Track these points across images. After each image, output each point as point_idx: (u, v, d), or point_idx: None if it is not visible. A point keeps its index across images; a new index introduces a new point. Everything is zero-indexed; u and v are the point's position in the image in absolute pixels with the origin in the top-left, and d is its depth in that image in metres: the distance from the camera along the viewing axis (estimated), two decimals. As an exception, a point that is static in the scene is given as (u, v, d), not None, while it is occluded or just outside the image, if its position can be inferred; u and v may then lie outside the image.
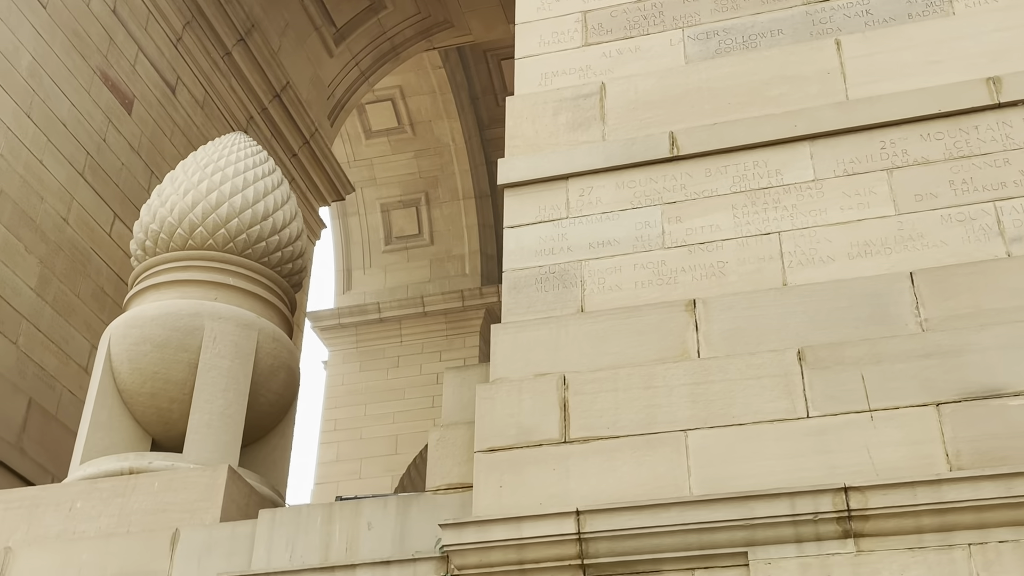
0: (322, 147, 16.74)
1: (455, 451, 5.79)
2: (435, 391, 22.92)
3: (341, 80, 18.02)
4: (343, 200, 18.21)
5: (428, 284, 23.82)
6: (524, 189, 6.23)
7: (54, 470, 9.89)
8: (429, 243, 24.21)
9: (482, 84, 23.66)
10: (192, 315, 7.11)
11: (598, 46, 6.63)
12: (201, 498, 6.22)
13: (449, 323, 23.32)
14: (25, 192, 10.09)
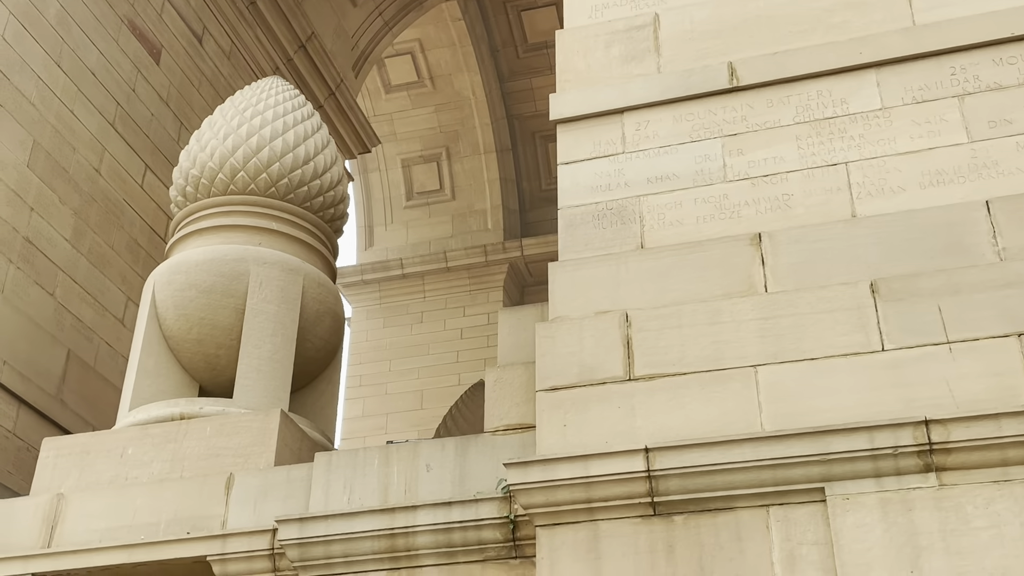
0: (348, 98, 16.55)
1: (512, 392, 5.69)
2: (459, 346, 22.87)
3: (365, 31, 17.79)
4: (369, 152, 18.04)
5: (450, 239, 23.70)
6: (577, 124, 6.07)
7: (94, 422, 9.86)
8: (451, 198, 24.03)
9: (502, 36, 23.35)
10: (237, 260, 7.00)
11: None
12: (254, 442, 6.14)
13: (472, 278, 23.21)
14: (57, 142, 9.97)
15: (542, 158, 23.79)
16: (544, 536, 4.85)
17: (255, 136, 7.50)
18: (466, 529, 5.28)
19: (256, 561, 5.62)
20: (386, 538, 5.37)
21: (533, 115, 23.46)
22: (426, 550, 5.32)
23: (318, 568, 5.46)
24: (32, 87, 9.72)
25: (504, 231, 23.12)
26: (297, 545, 5.47)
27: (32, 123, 9.66)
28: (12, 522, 6.14)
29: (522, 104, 23.46)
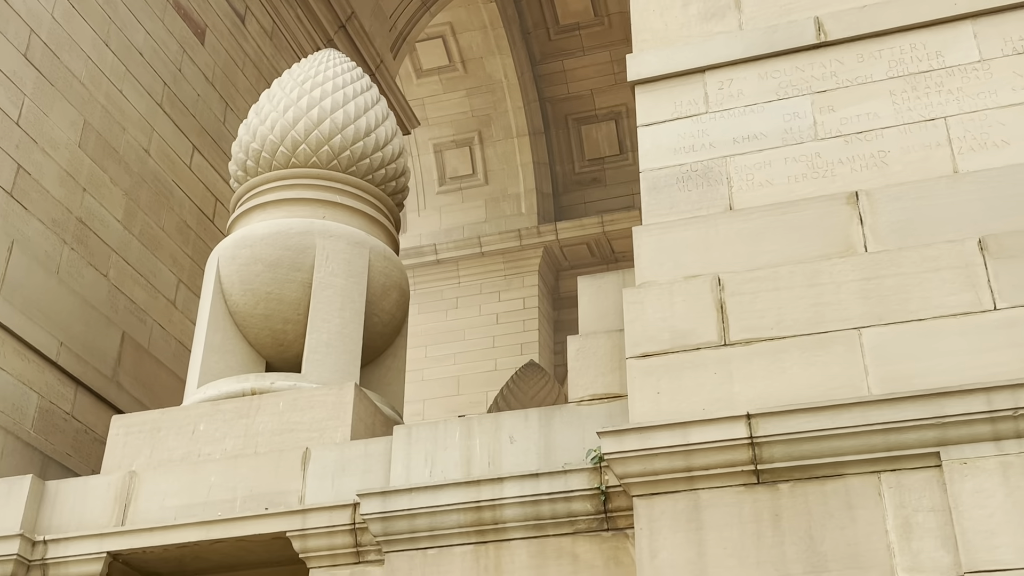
0: (387, 79, 16.40)
1: (596, 361, 5.52)
2: (495, 331, 22.74)
3: (402, 11, 17.63)
4: (408, 134, 17.90)
5: (484, 224, 23.55)
6: (656, 85, 5.88)
7: (149, 404, 9.77)
8: (484, 183, 23.88)
9: (533, 18, 23.13)
10: (303, 233, 6.87)
11: (725, -67, 6.21)
12: (329, 416, 6.01)
13: (507, 263, 23.05)
14: (107, 123, 9.88)
15: (575, 141, 23.60)
16: (642, 507, 4.69)
17: (316, 108, 7.35)
18: (555, 501, 5.12)
19: (337, 536, 5.49)
20: (472, 511, 5.22)
21: (565, 97, 23.27)
22: (513, 523, 5.17)
23: (402, 543, 5.32)
24: (81, 66, 9.62)
25: (538, 215, 22.96)
26: (380, 519, 5.33)
27: (82, 103, 9.56)
28: (86, 500, 6.04)
29: (554, 87, 23.25)
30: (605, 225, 22.48)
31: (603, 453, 4.79)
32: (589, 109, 23.54)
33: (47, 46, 9.21)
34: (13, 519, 6.01)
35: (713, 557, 4.47)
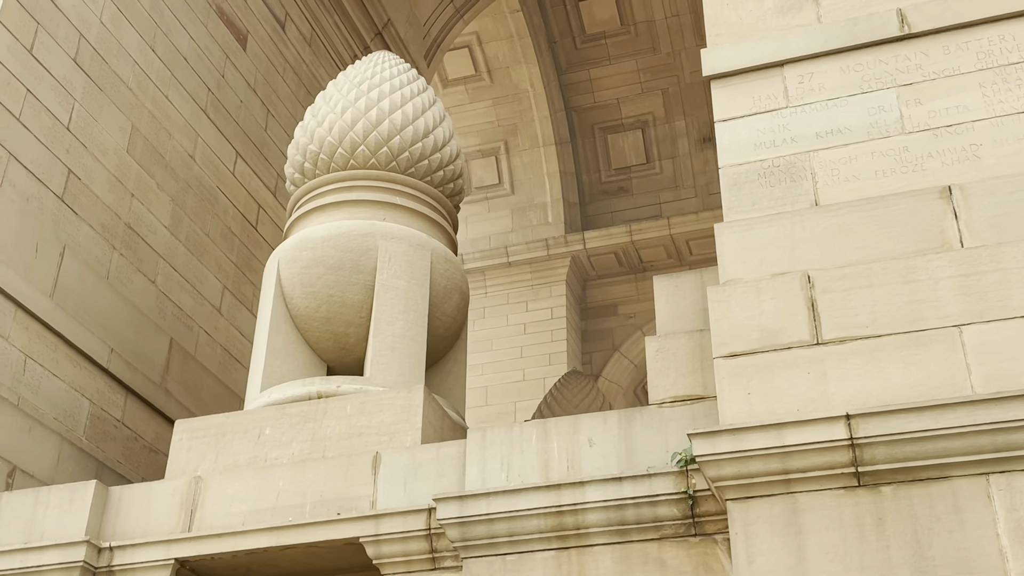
0: (423, 86, 16.30)
1: (677, 362, 5.38)
2: (522, 341, 22.61)
3: (436, 18, 17.57)
4: (443, 141, 17.78)
5: (511, 234, 23.44)
6: (733, 80, 5.75)
7: (197, 411, 9.68)
8: (510, 192, 23.80)
9: (560, 27, 23.06)
10: (364, 235, 6.76)
11: (798, -74, 6.09)
12: (398, 420, 5.89)
13: (534, 272, 22.93)
14: (154, 128, 9.81)
15: (601, 150, 23.50)
16: (737, 511, 4.54)
17: (374, 109, 7.26)
18: (639, 506, 4.97)
19: (412, 542, 5.36)
20: (553, 516, 5.09)
21: (592, 107, 23.17)
22: (596, 528, 5.03)
23: (480, 548, 5.18)
24: (129, 71, 9.57)
25: (565, 224, 22.86)
26: (457, 524, 5.20)
27: (130, 108, 9.50)
28: (151, 506, 5.93)
29: (580, 96, 23.16)
30: (633, 234, 22.37)
31: (695, 455, 4.64)
32: (615, 118, 23.44)
33: (96, 51, 9.16)
34: (77, 525, 5.90)
35: (814, 562, 4.32)
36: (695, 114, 23.81)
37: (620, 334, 23.30)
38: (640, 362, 22.92)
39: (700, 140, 24.28)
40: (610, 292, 23.36)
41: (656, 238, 22.58)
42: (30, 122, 8.23)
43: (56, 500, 6.04)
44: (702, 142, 24.40)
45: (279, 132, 12.12)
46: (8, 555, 5.80)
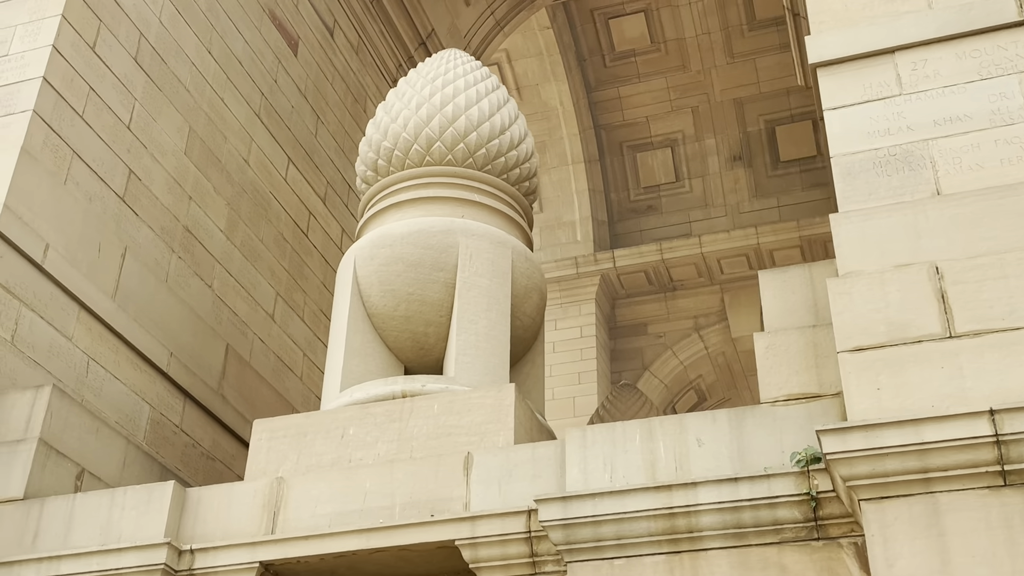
0: (465, 98, 16.15)
1: (789, 359, 5.13)
2: (551, 360, 22.36)
3: (477, 30, 17.44)
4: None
5: (539, 252, 23.24)
6: (841, 67, 5.54)
7: (251, 418, 9.47)
8: (539, 210, 23.64)
9: (589, 45, 22.93)
10: (444, 232, 6.55)
11: (902, -88, 5.88)
12: (489, 420, 5.65)
13: (563, 291, 22.71)
14: (211, 131, 9.65)
15: (630, 168, 23.29)
16: (872, 511, 4.29)
17: (450, 105, 7.06)
18: (757, 508, 4.72)
19: (511, 545, 5.12)
20: (664, 518, 4.84)
21: (621, 125, 23.00)
22: (711, 531, 4.78)
23: (586, 552, 4.93)
24: (186, 73, 9.42)
25: (594, 243, 22.64)
26: (561, 527, 4.96)
27: (188, 110, 9.34)
28: (231, 507, 5.70)
29: (609, 114, 22.98)
30: (664, 253, 22.13)
31: (825, 453, 4.39)
32: (644, 136, 23.25)
33: (155, 50, 9.01)
34: (156, 527, 5.68)
35: (960, 566, 4.06)
36: (725, 132, 23.62)
37: (650, 353, 23.03)
38: (670, 381, 22.67)
39: (730, 158, 24.06)
40: (639, 311, 23.10)
41: (687, 256, 22.33)
42: (93, 120, 8.07)
43: (132, 501, 5.82)
44: (732, 160, 24.17)
45: (328, 139, 11.96)
46: (85, 557, 5.57)
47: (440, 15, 15.86)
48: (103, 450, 6.76)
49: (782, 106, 23.53)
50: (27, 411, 6.33)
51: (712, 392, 23.91)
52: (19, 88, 7.60)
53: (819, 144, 23.78)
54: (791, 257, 23.14)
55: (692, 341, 23.00)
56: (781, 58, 23.34)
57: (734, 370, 23.95)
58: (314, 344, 10.97)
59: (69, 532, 5.80)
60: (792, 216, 23.76)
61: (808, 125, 23.75)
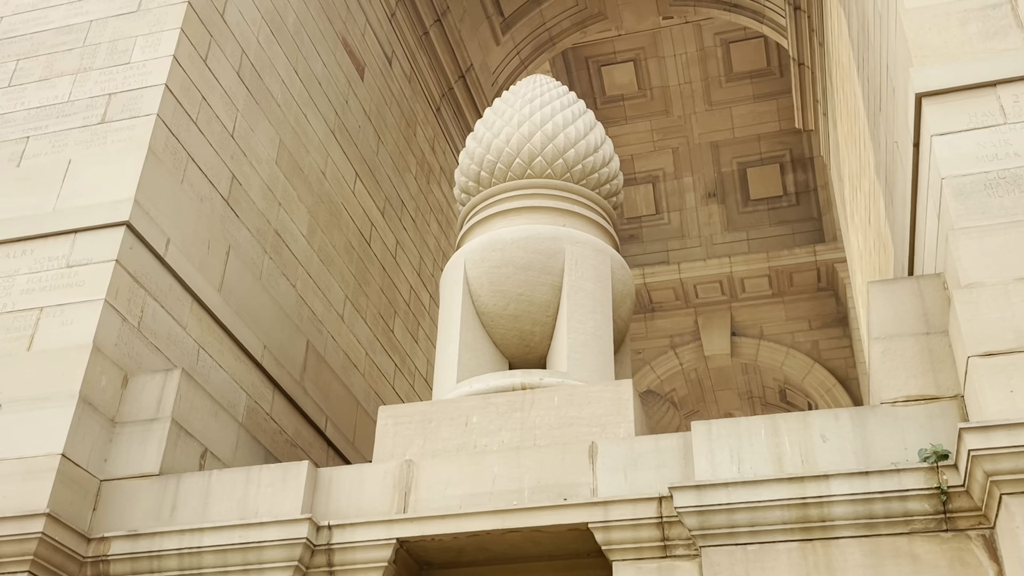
0: (495, 128, 15.99)
1: (905, 363, 4.96)
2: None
3: (504, 67, 17.30)
4: (507, 180, 17.51)
5: (532, 272, 22.89)
6: (946, 97, 5.40)
7: (326, 410, 9.19)
8: None
9: (583, 89, 22.86)
10: (552, 238, 6.35)
11: (992, -40, 5.78)
12: (609, 412, 5.43)
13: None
14: (296, 144, 9.41)
15: (618, 201, 23.18)
16: (1016, 505, 4.11)
17: (549, 123, 6.88)
18: (888, 500, 4.53)
19: (643, 529, 4.89)
20: (796, 507, 4.64)
21: (609, 162, 22.89)
22: (843, 521, 4.58)
23: (720, 537, 4.72)
24: (278, 89, 9.18)
25: (582, 266, 22.44)
26: (696, 513, 4.74)
27: (278, 123, 9.10)
28: (363, 488, 5.43)
29: (599, 153, 22.87)
30: (645, 277, 22.07)
31: (969, 449, 4.21)
32: (629, 172, 23.20)
33: (254, 67, 8.76)
34: (292, 504, 5.40)
35: (1106, 557, 3.89)
36: (701, 171, 23.64)
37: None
38: (649, 393, 22.45)
39: (706, 195, 24.06)
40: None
41: (666, 281, 22.29)
42: (204, 127, 7.81)
43: (268, 479, 5.54)
44: (707, 197, 24.18)
45: (386, 158, 11.74)
46: (227, 531, 5.28)
47: (475, 52, 15.71)
48: (221, 432, 6.47)
49: (753, 150, 23.61)
50: (158, 392, 6.04)
51: (683, 404, 23.83)
52: (142, 94, 7.33)
53: (785, 185, 23.85)
54: (760, 285, 23.13)
55: (668, 358, 22.91)
56: (754, 107, 23.39)
57: (704, 385, 23.89)
58: (374, 344, 10.70)
59: (207, 507, 5.50)
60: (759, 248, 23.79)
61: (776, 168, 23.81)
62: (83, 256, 6.43)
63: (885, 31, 6.76)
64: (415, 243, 12.40)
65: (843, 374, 22.87)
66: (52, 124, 7.33)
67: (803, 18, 13.78)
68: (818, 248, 22.60)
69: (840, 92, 11.65)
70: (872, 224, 9.72)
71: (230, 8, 8.47)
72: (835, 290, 22.48)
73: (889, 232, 8.28)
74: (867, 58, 8.08)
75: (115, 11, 7.98)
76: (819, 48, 13.33)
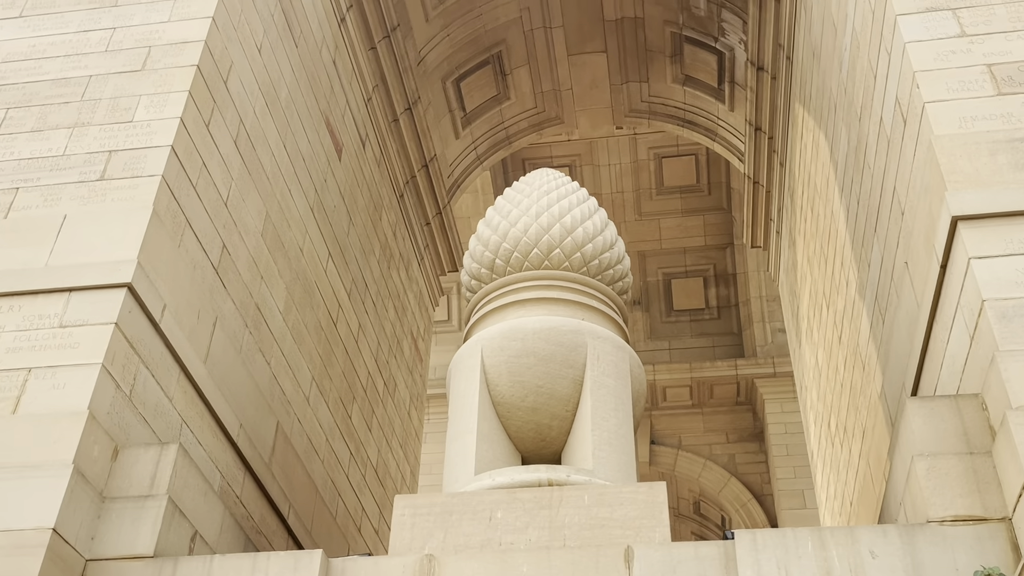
0: (449, 219, 16.07)
1: (951, 482, 4.94)
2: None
3: (460, 161, 17.42)
4: (457, 271, 17.49)
5: (455, 367, 22.86)
6: (981, 222, 5.55)
7: (288, 495, 8.74)
8: (457, 329, 23.53)
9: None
10: (574, 332, 6.23)
11: (1015, 96, 6.05)
12: (643, 516, 5.26)
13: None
14: (280, 218, 9.17)
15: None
16: (1088, 632, 4.06)
17: (567, 216, 6.84)
18: (945, 621, 4.44)
19: (687, 642, 4.68)
20: (852, 625, 4.50)
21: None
22: (898, 641, 4.46)
23: (772, 654, 4.54)
24: (268, 161, 8.97)
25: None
26: (747, 627, 4.57)
27: (266, 195, 8.87)
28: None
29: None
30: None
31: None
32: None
33: (249, 137, 8.56)
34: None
35: None
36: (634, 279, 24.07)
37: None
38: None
39: (631, 303, 24.43)
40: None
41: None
42: (202, 193, 7.54)
43: (276, 568, 5.15)
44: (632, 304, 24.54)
45: (355, 240, 11.55)
46: (235, 623, 4.87)
47: (437, 143, 15.78)
48: (209, 513, 6.05)
49: (678, 262, 24.17)
50: (152, 468, 5.64)
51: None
52: (146, 153, 7.04)
53: (707, 298, 24.36)
54: (681, 395, 23.39)
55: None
56: (682, 221, 24.05)
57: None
58: (333, 430, 10.31)
59: (208, 595, 5.08)
60: (680, 358, 24.12)
61: (700, 281, 24.35)
62: (79, 316, 6.03)
63: (895, 155, 6.96)
64: (374, 327, 12.14)
65: (758, 489, 23.03)
66: (45, 177, 6.97)
67: (763, 139, 14.23)
68: (739, 363, 22.98)
69: (806, 212, 11.97)
70: (844, 342, 9.88)
71: (233, 76, 8.29)
72: (753, 405, 22.79)
73: (873, 351, 8.40)
74: (860, 180, 8.31)
75: (117, 68, 7.72)
76: (780, 168, 13.74)
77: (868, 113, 7.75)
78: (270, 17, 9.34)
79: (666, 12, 15.94)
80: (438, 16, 14.69)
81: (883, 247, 7.56)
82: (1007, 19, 6.48)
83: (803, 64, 11.29)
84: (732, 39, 15.08)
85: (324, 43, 10.96)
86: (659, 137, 22.90)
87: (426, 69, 14.80)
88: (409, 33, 14.02)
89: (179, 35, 7.79)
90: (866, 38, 7.69)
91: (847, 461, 10.29)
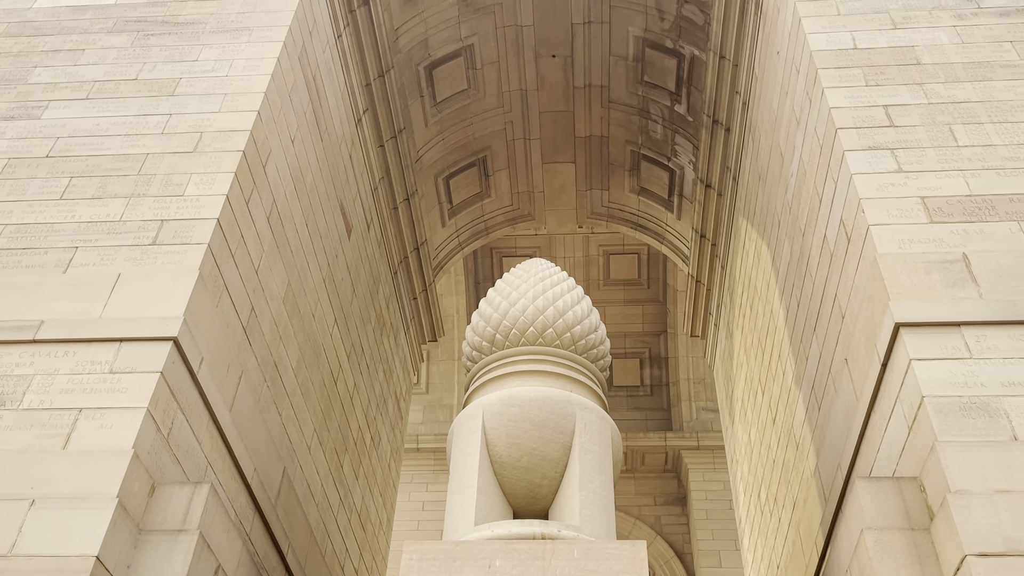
0: (433, 296, 16.02)
1: (896, 555, 4.93)
2: (420, 516, 21.72)
3: (445, 246, 17.47)
4: (436, 341, 17.40)
5: (421, 425, 22.86)
6: (919, 329, 5.66)
7: (291, 538, 8.46)
8: (425, 392, 23.31)
9: (484, 273, 23.38)
10: (565, 402, 6.19)
11: (944, 225, 6.24)
12: (625, 570, 5.16)
13: (437, 460, 22.25)
14: (299, 286, 9.08)
15: (502, 371, 23.25)
16: None
17: (560, 300, 6.87)
18: None
19: None
20: None
21: (499, 337, 23.10)
22: None
23: None
24: (293, 237, 8.92)
25: (466, 425, 22.24)
26: (721, 676, 4.45)
27: (289, 266, 8.79)
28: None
29: (492, 327, 23.09)
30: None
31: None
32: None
33: (279, 215, 8.52)
34: (323, 631, 4.82)
35: None
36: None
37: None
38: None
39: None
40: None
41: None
42: (239, 261, 7.45)
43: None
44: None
45: (356, 310, 11.46)
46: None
47: (427, 229, 15.84)
48: (231, 549, 5.83)
49: (619, 344, 24.28)
50: (185, 504, 5.43)
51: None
52: (194, 224, 6.96)
53: (642, 377, 24.49)
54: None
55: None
56: (623, 309, 24.26)
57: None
58: (328, 477, 10.07)
59: (234, 625, 4.86)
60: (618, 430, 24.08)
61: (636, 362, 24.48)
62: (128, 364, 5.87)
63: (837, 267, 7.11)
64: (366, 387, 11.97)
65: (680, 548, 22.83)
66: (103, 239, 6.85)
67: (707, 245, 14.48)
68: (668, 435, 23.00)
69: (745, 309, 12.13)
70: (779, 424, 9.93)
71: (271, 162, 8.29)
72: (679, 473, 22.75)
73: (808, 432, 8.45)
74: (802, 286, 8.46)
75: (172, 148, 7.68)
76: (721, 270, 13.96)
77: (812, 230, 7.93)
78: (303, 114, 9.40)
79: (628, 133, 16.33)
80: (436, 123, 14.90)
81: (822, 344, 7.66)
82: (936, 160, 6.73)
83: (748, 184, 11.58)
84: (683, 160, 15.46)
85: (343, 138, 11.03)
86: (609, 236, 23.20)
87: (423, 166, 14.95)
88: (411, 135, 14.19)
89: (228, 124, 7.79)
90: (813, 167, 7.91)
91: (776, 528, 10.25)
